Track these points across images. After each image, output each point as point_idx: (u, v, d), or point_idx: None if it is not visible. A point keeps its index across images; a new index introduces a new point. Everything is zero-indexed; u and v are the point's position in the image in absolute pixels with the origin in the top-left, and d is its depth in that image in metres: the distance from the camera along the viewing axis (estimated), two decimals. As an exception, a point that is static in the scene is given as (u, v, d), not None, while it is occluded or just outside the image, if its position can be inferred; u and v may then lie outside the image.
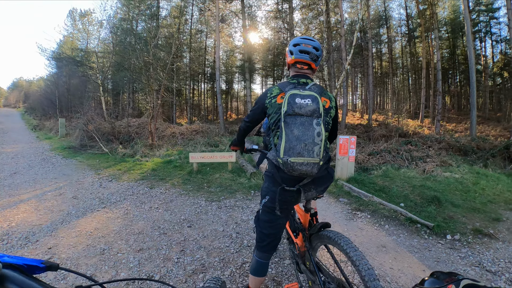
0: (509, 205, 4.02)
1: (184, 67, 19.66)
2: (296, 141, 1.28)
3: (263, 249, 1.60)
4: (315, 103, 1.32)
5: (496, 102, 23.74)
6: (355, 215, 3.70)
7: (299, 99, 1.32)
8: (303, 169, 1.29)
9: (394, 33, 26.66)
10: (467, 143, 8.37)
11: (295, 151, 1.28)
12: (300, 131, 1.29)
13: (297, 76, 1.50)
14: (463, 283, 0.38)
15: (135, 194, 4.46)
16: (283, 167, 1.32)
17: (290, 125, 1.30)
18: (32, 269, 0.49)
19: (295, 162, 1.28)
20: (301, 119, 1.30)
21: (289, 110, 1.31)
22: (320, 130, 1.30)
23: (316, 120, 1.30)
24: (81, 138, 9.52)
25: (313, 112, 1.31)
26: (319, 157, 1.30)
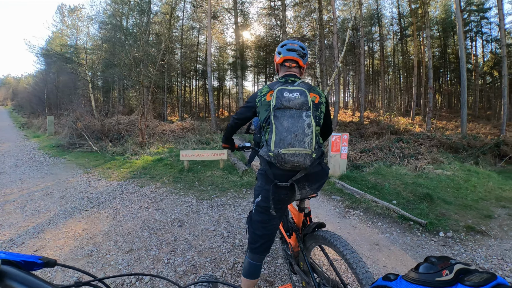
0: (500, 202, 4.06)
1: (175, 63, 19.46)
2: (286, 132, 1.28)
3: (256, 250, 1.55)
4: (303, 96, 1.33)
5: (486, 101, 24.21)
6: (348, 213, 3.68)
7: (287, 93, 1.34)
8: (295, 160, 1.27)
9: (386, 31, 26.91)
10: (458, 140, 8.48)
11: (286, 142, 1.27)
12: (289, 122, 1.29)
13: (286, 76, 1.53)
14: (456, 267, 0.39)
15: (124, 193, 4.36)
16: (275, 160, 1.30)
17: (279, 118, 1.31)
18: (29, 265, 0.48)
19: (287, 153, 1.26)
20: (290, 112, 1.31)
21: (278, 104, 1.32)
22: (310, 122, 1.30)
23: (306, 113, 1.31)
24: (70, 136, 9.31)
25: (302, 104, 1.32)
26: (311, 148, 1.28)
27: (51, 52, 19.30)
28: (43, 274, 2.17)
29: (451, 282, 0.37)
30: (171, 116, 22.10)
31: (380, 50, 26.89)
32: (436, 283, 0.38)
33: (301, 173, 1.34)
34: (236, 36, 17.18)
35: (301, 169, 1.33)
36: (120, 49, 9.69)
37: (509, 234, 3.03)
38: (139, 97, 9.28)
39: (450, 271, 0.38)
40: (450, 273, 0.38)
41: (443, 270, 0.39)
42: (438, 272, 0.39)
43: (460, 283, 0.36)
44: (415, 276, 0.41)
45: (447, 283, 0.37)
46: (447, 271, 0.39)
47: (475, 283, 0.34)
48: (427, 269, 0.41)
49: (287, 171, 1.35)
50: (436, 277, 0.38)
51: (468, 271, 0.38)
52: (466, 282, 0.35)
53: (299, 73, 1.58)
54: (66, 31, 22.07)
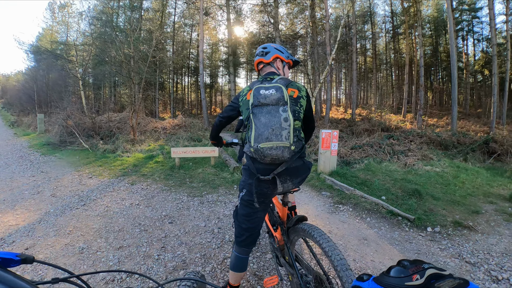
0: (488, 198, 4.14)
1: (167, 60, 19.29)
2: (264, 127, 1.33)
3: (242, 243, 1.58)
4: (279, 92, 1.37)
5: (477, 99, 24.59)
6: (337, 208, 3.73)
7: (263, 91, 1.39)
8: (273, 153, 1.31)
9: (378, 29, 27.08)
10: (448, 137, 8.60)
11: (264, 137, 1.32)
12: (267, 118, 1.34)
13: (265, 75, 1.60)
14: (428, 272, 0.38)
15: (115, 191, 4.35)
16: (255, 155, 1.35)
17: (257, 115, 1.37)
18: (6, 262, 0.48)
19: (265, 147, 1.31)
20: (267, 108, 1.36)
21: (255, 102, 1.38)
22: (287, 116, 1.34)
23: (282, 108, 1.35)
24: (60, 134, 9.18)
25: (278, 100, 1.36)
26: (289, 141, 1.32)
27: (41, 49, 18.97)
28: (34, 272, 2.17)
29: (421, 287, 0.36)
30: (163, 113, 21.95)
31: (372, 47, 27.06)
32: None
33: (282, 166, 1.37)
34: (228, 33, 17.12)
35: (281, 162, 1.37)
36: (111, 46, 9.57)
37: (495, 229, 3.09)
38: (130, 94, 9.19)
39: (421, 275, 0.38)
40: (421, 278, 0.37)
41: (414, 274, 0.38)
42: (409, 277, 0.38)
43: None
44: (386, 279, 0.40)
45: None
46: (418, 276, 0.38)
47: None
48: (398, 273, 0.40)
49: (269, 165, 1.39)
50: (406, 282, 0.38)
51: (440, 276, 0.37)
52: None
53: (274, 68, 1.64)
54: (56, 27, 21.72)
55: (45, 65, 19.26)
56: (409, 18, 19.60)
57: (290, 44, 15.76)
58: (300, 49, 20.04)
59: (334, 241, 1.37)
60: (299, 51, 20.09)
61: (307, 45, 9.83)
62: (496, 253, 2.62)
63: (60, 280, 0.52)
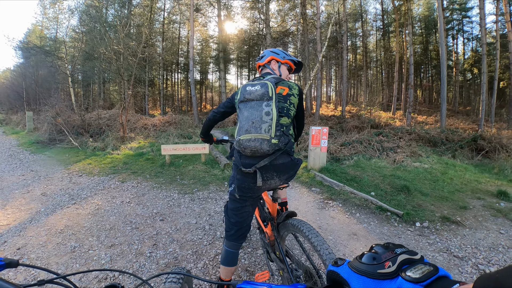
0: (476, 193, 4.21)
1: (157, 57, 19.10)
2: (245, 121, 1.38)
3: (231, 238, 1.61)
4: (264, 88, 1.40)
5: (466, 97, 25.06)
6: (327, 204, 3.78)
7: (249, 87, 1.44)
8: (251, 145, 1.34)
9: (369, 27, 27.30)
10: (436, 134, 8.74)
11: (244, 129, 1.37)
12: (249, 112, 1.38)
13: (262, 75, 1.65)
14: (400, 258, 0.38)
15: (106, 189, 4.32)
16: (238, 147, 1.40)
17: (242, 109, 1.43)
18: None
19: (244, 139, 1.35)
20: (251, 103, 1.41)
21: (241, 98, 1.45)
22: (269, 110, 1.36)
23: (266, 102, 1.38)
24: (49, 132, 9.04)
25: (262, 95, 1.39)
26: (269, 134, 1.34)
27: (29, 45, 18.54)
28: (27, 272, 2.15)
29: (392, 275, 0.36)
30: (153, 110, 21.79)
31: (363, 45, 27.30)
32: (377, 275, 0.37)
33: (264, 160, 1.39)
34: (219, 30, 17.02)
35: (262, 155, 1.39)
36: (100, 42, 9.41)
37: (483, 224, 3.16)
38: (120, 91, 9.08)
39: (393, 262, 0.38)
40: (393, 264, 0.37)
41: (386, 261, 0.38)
42: (381, 264, 0.38)
43: (401, 276, 0.35)
44: (358, 265, 0.40)
45: (388, 276, 0.36)
46: (390, 263, 0.38)
47: (415, 278, 0.34)
48: (370, 259, 0.40)
49: (252, 159, 1.41)
50: (378, 269, 0.38)
51: (412, 261, 0.38)
52: (407, 277, 0.34)
53: (269, 69, 1.69)
54: (45, 23, 21.22)
55: (34, 62, 18.86)
56: (400, 17, 19.81)
57: (280, 41, 15.78)
58: (291, 46, 20.08)
59: (323, 236, 1.40)
60: (290, 48, 20.13)
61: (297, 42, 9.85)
62: (484, 247, 2.68)
63: (46, 282, 0.51)
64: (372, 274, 0.38)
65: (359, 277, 0.39)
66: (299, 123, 1.68)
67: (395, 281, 0.36)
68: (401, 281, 0.35)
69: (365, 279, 0.39)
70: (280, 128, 1.39)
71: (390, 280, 0.36)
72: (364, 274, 0.39)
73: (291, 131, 1.50)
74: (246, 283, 0.50)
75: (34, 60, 18.89)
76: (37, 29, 22.14)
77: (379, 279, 0.37)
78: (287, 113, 1.45)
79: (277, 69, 1.69)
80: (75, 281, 2.09)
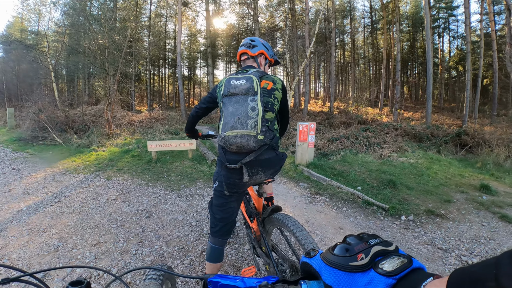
0: (460, 187, 4.33)
1: (143, 51, 18.72)
2: (230, 116, 1.34)
3: (216, 234, 1.59)
4: (249, 82, 1.37)
5: (451, 94, 25.70)
6: (315, 199, 3.81)
7: (234, 81, 1.40)
8: (238, 142, 1.32)
9: (357, 24, 27.56)
10: (422, 130, 8.93)
11: (229, 125, 1.34)
12: (234, 107, 1.35)
13: (244, 67, 1.61)
14: (373, 250, 0.37)
15: (91, 186, 4.22)
16: (223, 143, 1.37)
17: (226, 104, 1.39)
18: None
19: (230, 136, 1.33)
20: (236, 98, 1.37)
21: (225, 92, 1.40)
22: (255, 105, 1.34)
23: (251, 97, 1.35)
24: (32, 129, 8.74)
25: (247, 90, 1.36)
26: (255, 130, 1.32)
27: (10, 38, 17.82)
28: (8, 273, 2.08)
29: (365, 267, 0.35)
30: (140, 106, 21.37)
31: (351, 42, 27.57)
32: (349, 268, 0.36)
33: (250, 156, 1.38)
34: (207, 24, 16.83)
35: (247, 151, 1.38)
36: (84, 36, 9.13)
37: (466, 217, 3.24)
38: (105, 87, 8.87)
39: (366, 254, 0.36)
40: (366, 256, 0.36)
41: (359, 253, 0.37)
42: (354, 256, 0.37)
43: (373, 269, 0.34)
44: (330, 257, 0.39)
45: (360, 268, 0.35)
46: (363, 255, 0.37)
47: (388, 272, 0.33)
48: (342, 251, 0.39)
49: (237, 155, 1.40)
50: (350, 262, 0.37)
51: (386, 253, 0.37)
52: (379, 270, 0.34)
53: (254, 62, 1.65)
54: (27, 15, 20.40)
55: (15, 56, 18.16)
56: (387, 14, 20.06)
57: (269, 36, 15.75)
58: (280, 42, 20.08)
59: (310, 231, 1.41)
60: (278, 44, 20.14)
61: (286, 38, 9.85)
62: (467, 239, 2.75)
63: (11, 280, 0.48)
64: (344, 267, 0.37)
65: (331, 270, 0.38)
66: (284, 118, 1.67)
67: (367, 274, 0.34)
68: (374, 274, 0.34)
69: (336, 271, 0.38)
70: (266, 123, 1.38)
71: (362, 273, 0.35)
72: (336, 266, 0.38)
73: (276, 126, 1.49)
74: (218, 276, 0.49)
75: (14, 54, 18.20)
76: (17, 22, 21.26)
77: (351, 272, 0.36)
78: (271, 108, 1.44)
79: (263, 66, 1.68)
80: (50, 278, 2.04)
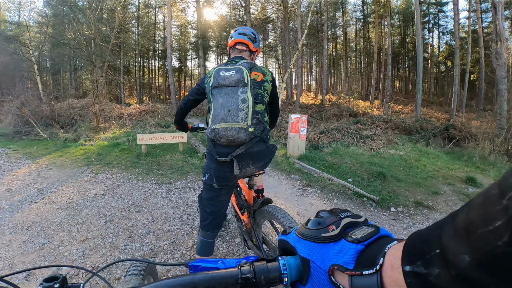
0: (447, 179, 4.42)
1: (132, 43, 18.28)
2: (220, 108, 1.31)
3: (207, 227, 1.58)
4: (239, 74, 1.34)
5: (440, 88, 26.15)
6: (306, 191, 3.83)
7: (223, 72, 1.36)
8: (228, 134, 1.30)
9: (349, 17, 27.62)
10: (411, 123, 9.10)
11: (219, 118, 1.31)
12: (224, 99, 1.32)
13: (232, 58, 1.55)
14: (343, 222, 0.39)
15: (78, 182, 4.12)
16: (212, 136, 1.34)
17: (216, 96, 1.36)
18: None
19: (220, 128, 1.30)
20: (226, 90, 1.34)
21: (214, 83, 1.36)
22: (245, 98, 1.32)
23: (242, 89, 1.33)
24: (14, 124, 8.45)
25: (237, 82, 1.33)
26: (246, 122, 1.30)
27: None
28: None
29: (336, 238, 0.37)
30: (129, 99, 20.97)
31: (343, 35, 27.66)
32: (322, 239, 0.38)
33: (241, 148, 1.36)
34: (198, 15, 16.54)
35: (238, 144, 1.36)
36: (69, 27, 8.81)
37: (453, 208, 3.30)
38: (92, 79, 8.64)
39: (337, 226, 0.38)
40: (336, 228, 0.38)
41: (330, 225, 0.39)
42: (325, 228, 0.39)
43: (344, 238, 0.36)
44: (304, 231, 0.41)
45: (332, 239, 0.37)
46: (334, 227, 0.39)
47: (357, 239, 0.35)
48: (315, 225, 0.41)
49: (228, 147, 1.38)
50: (322, 233, 0.39)
51: (355, 224, 0.39)
52: (349, 238, 0.36)
53: (249, 57, 1.61)
54: (5, 5, 19.50)
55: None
56: (379, 8, 20.15)
57: (261, 28, 15.62)
58: (271, 34, 19.92)
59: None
60: (270, 36, 19.99)
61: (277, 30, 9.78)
62: (453, 230, 2.84)
63: None
64: (316, 238, 0.39)
65: (305, 242, 0.40)
66: (273, 110, 1.65)
67: (338, 243, 0.36)
68: (344, 242, 0.36)
69: (310, 243, 0.40)
70: (256, 115, 1.36)
71: (333, 243, 0.37)
72: (309, 239, 0.40)
73: (266, 118, 1.47)
74: (199, 260, 0.50)
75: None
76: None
77: (323, 243, 0.38)
78: (261, 99, 1.42)
79: (249, 58, 1.63)
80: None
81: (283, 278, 0.41)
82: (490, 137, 7.23)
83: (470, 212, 0.22)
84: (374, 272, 0.30)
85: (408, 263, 0.26)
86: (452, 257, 0.22)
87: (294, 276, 0.41)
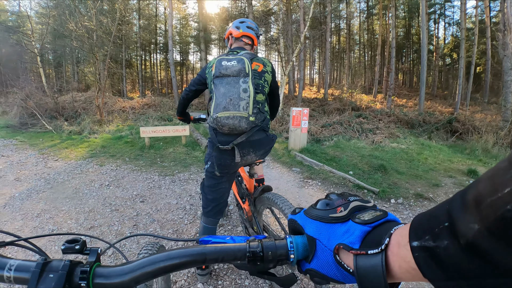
0: (448, 172, 4.42)
1: (134, 36, 18.16)
2: (222, 97, 1.35)
3: (209, 214, 1.63)
4: (240, 64, 1.38)
5: (445, 81, 25.79)
6: (307, 183, 3.87)
7: (225, 62, 1.39)
8: (230, 123, 1.34)
9: (353, 9, 27.15)
10: (414, 117, 9.05)
11: (221, 106, 1.34)
12: (226, 89, 1.35)
13: (234, 49, 1.60)
14: (352, 205, 0.40)
15: (84, 173, 4.20)
16: (214, 124, 1.38)
17: (218, 85, 1.38)
18: None
19: (222, 117, 1.34)
20: (227, 79, 1.37)
21: (216, 73, 1.39)
22: (246, 87, 1.35)
23: (243, 79, 1.36)
24: (20, 116, 8.54)
25: (239, 71, 1.36)
26: (247, 111, 1.34)
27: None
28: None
29: (343, 219, 0.38)
30: (132, 92, 21.01)
31: (346, 27, 27.24)
32: (329, 219, 0.39)
33: (242, 137, 1.40)
34: (199, 7, 16.34)
35: (239, 133, 1.40)
36: (69, 18, 8.78)
37: (454, 200, 3.38)
38: (95, 72, 8.66)
39: (345, 208, 0.39)
40: (344, 210, 0.39)
41: (339, 207, 0.40)
42: (333, 209, 0.40)
43: (351, 220, 0.37)
44: (312, 211, 0.42)
45: (339, 219, 0.38)
46: (342, 208, 0.39)
47: (364, 220, 0.35)
48: (323, 205, 0.42)
49: (229, 136, 1.42)
50: (330, 214, 0.40)
51: (363, 208, 0.39)
52: (356, 219, 0.36)
53: (251, 50, 1.66)
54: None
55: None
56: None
57: (263, 21, 15.43)
58: (274, 27, 19.68)
59: None
60: (272, 28, 19.76)
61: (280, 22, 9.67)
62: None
63: (6, 244, 0.49)
64: (324, 219, 0.40)
65: (313, 222, 0.41)
66: (273, 101, 1.69)
67: (345, 224, 0.38)
68: (351, 223, 0.37)
69: (318, 223, 0.41)
70: (257, 105, 1.40)
71: (341, 224, 0.38)
72: (317, 218, 0.41)
73: (266, 108, 1.51)
74: (209, 236, 0.52)
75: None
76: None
77: (331, 223, 0.39)
78: (262, 90, 1.46)
79: (250, 50, 1.68)
80: None
81: (289, 255, 0.42)
82: (493, 130, 7.16)
83: (479, 185, 0.22)
84: (379, 251, 0.31)
85: (416, 239, 0.27)
86: (461, 227, 0.22)
87: (300, 254, 0.42)
